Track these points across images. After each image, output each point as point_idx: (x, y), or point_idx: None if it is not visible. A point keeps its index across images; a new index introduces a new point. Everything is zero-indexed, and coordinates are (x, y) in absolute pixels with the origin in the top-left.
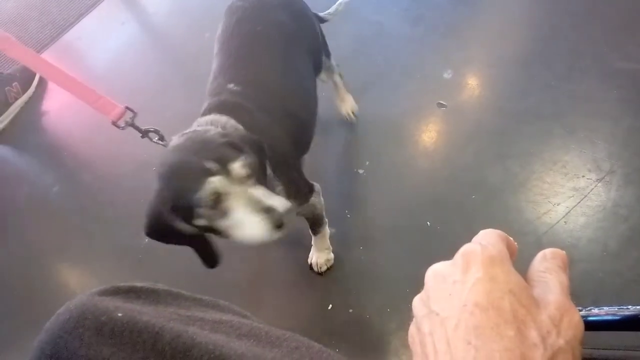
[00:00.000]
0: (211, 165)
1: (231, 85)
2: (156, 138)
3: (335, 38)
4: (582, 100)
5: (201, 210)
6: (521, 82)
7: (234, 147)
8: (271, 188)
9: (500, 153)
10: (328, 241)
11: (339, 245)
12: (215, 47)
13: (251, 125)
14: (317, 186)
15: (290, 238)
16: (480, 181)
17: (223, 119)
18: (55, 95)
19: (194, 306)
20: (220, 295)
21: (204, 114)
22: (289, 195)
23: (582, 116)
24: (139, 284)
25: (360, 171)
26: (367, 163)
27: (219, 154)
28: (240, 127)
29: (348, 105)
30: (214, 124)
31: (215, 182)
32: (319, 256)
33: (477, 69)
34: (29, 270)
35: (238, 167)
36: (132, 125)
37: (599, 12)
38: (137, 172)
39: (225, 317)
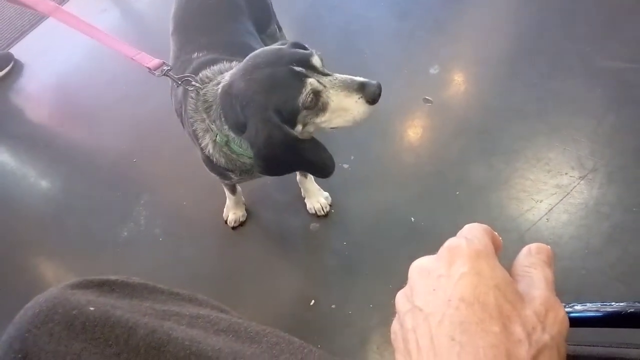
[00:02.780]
0: (299, 68)
1: (195, 54)
2: (192, 83)
3: (323, 32)
4: (566, 99)
5: (303, 113)
6: (506, 79)
7: (298, 47)
8: None
9: (484, 149)
10: (315, 182)
11: (323, 239)
12: (171, 26)
13: None
14: None
15: (271, 231)
16: (465, 177)
17: (225, 64)
18: (32, 84)
19: (171, 300)
20: (199, 288)
21: (191, 79)
22: None
23: (566, 114)
24: (113, 277)
25: (345, 166)
26: (352, 157)
27: (297, 55)
28: None
29: (314, 199)
30: (223, 70)
31: (312, 82)
32: (317, 200)
33: (463, 66)
34: (3, 264)
35: (317, 60)
36: (167, 74)
37: (584, 11)
38: (116, 163)
39: (203, 311)
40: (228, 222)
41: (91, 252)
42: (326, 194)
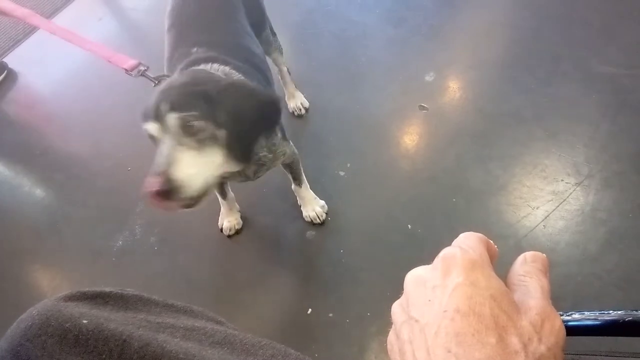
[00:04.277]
0: (163, 107)
1: (195, 49)
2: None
3: (319, 38)
4: (562, 104)
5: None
6: (502, 85)
7: (204, 98)
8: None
9: (481, 156)
10: (311, 190)
11: (320, 247)
12: (166, 24)
13: (239, 72)
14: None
15: (267, 239)
16: (462, 184)
17: (214, 66)
18: (26, 93)
19: (165, 312)
20: (194, 297)
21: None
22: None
23: (562, 120)
24: (107, 289)
25: (342, 173)
26: (349, 165)
27: (178, 100)
28: (235, 72)
29: (298, 100)
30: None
31: (150, 126)
32: (312, 208)
33: (459, 72)
34: None
35: (171, 118)
36: (144, 74)
37: (580, 17)
38: (112, 171)
39: (198, 323)
40: (223, 230)
41: (86, 261)
42: (322, 202)
